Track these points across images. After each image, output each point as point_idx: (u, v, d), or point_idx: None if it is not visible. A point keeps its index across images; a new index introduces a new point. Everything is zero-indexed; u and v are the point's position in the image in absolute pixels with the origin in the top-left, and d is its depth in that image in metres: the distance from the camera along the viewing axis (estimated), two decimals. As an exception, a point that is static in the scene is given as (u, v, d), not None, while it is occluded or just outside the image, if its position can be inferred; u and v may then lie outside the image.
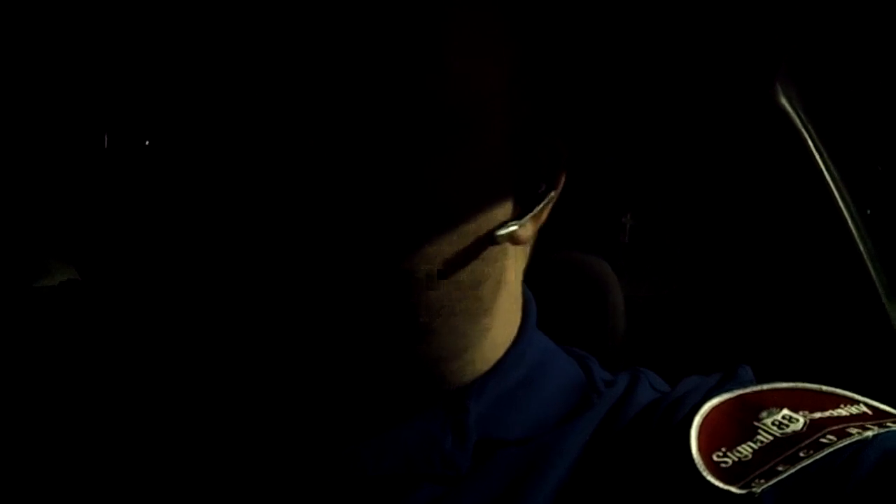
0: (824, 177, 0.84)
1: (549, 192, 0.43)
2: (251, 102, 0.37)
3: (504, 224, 0.40)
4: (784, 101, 0.83)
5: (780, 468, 0.34)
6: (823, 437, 0.35)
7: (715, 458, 0.36)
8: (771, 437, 0.36)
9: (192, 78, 0.40)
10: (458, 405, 0.41)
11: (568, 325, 0.49)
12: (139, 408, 0.46)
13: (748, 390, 0.40)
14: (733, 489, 0.34)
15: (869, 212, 0.90)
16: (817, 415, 0.37)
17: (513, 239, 0.41)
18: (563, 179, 0.44)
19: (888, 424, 0.36)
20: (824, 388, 0.39)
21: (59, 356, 0.50)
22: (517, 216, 0.42)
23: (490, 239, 0.40)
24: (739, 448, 0.36)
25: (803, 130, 0.84)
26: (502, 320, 0.44)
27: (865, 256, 0.85)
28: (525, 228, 0.42)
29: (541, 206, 0.42)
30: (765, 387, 0.40)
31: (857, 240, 0.85)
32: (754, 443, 0.36)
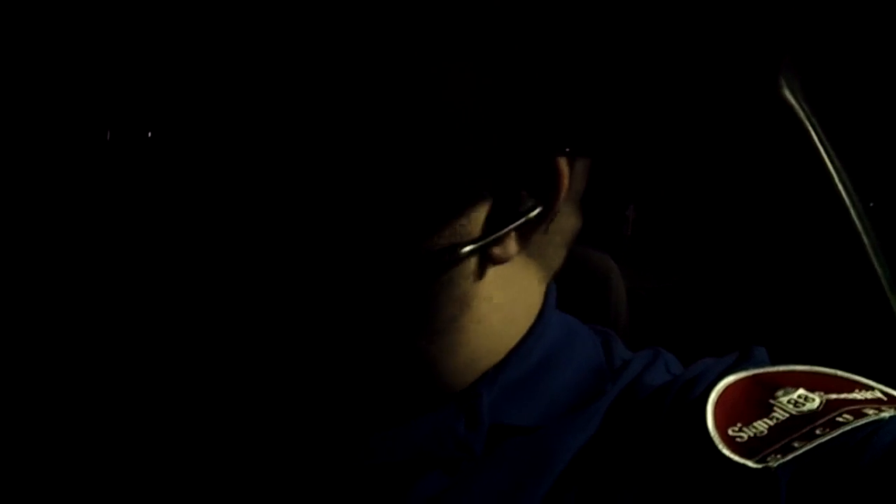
0: (828, 169, 0.84)
1: (536, 209, 0.40)
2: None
3: (470, 242, 0.39)
4: (788, 94, 0.83)
5: (795, 444, 0.34)
6: (840, 416, 0.35)
7: (731, 432, 0.36)
8: (787, 415, 0.36)
9: (195, 73, 0.40)
10: (470, 392, 0.42)
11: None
12: (143, 407, 0.46)
13: (764, 370, 0.40)
14: (749, 463, 0.34)
15: (872, 204, 0.89)
16: (833, 396, 0.37)
17: (491, 258, 0.40)
18: (559, 198, 0.41)
19: None
20: (840, 372, 0.39)
21: (62, 355, 0.51)
22: (484, 233, 0.40)
23: (454, 256, 0.39)
24: (755, 424, 0.36)
25: (807, 123, 0.84)
26: (495, 330, 0.43)
27: (869, 249, 0.85)
28: (504, 248, 0.40)
29: (517, 224, 0.40)
30: (780, 368, 0.40)
31: (861, 232, 0.85)
32: (770, 419, 0.36)
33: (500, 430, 0.41)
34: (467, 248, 0.39)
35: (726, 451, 0.35)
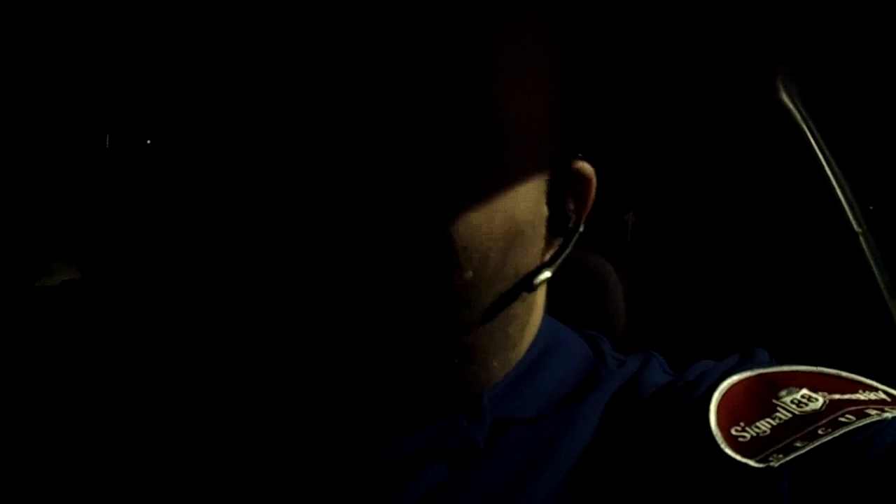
0: (826, 173, 0.84)
1: (579, 226, 0.43)
2: (258, 106, 0.37)
3: (539, 270, 0.40)
4: (785, 98, 0.83)
5: (798, 444, 0.34)
6: (842, 416, 0.35)
7: (733, 432, 0.36)
8: (790, 415, 0.36)
9: (194, 79, 0.40)
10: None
11: (569, 322, 0.49)
12: (140, 408, 0.46)
13: (768, 370, 0.40)
14: (751, 462, 0.34)
15: (871, 208, 0.89)
16: (836, 396, 0.37)
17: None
18: (588, 209, 0.44)
19: None
20: (843, 373, 0.39)
21: (60, 356, 0.51)
22: (552, 257, 0.42)
23: (527, 286, 0.40)
24: (758, 424, 0.36)
25: (804, 126, 0.84)
26: (529, 333, 0.45)
27: (868, 253, 0.85)
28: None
29: (572, 243, 0.42)
30: (784, 368, 0.40)
31: (860, 236, 0.85)
32: (773, 419, 0.36)
33: (502, 424, 0.41)
34: (539, 279, 0.40)
35: (728, 451, 0.35)
